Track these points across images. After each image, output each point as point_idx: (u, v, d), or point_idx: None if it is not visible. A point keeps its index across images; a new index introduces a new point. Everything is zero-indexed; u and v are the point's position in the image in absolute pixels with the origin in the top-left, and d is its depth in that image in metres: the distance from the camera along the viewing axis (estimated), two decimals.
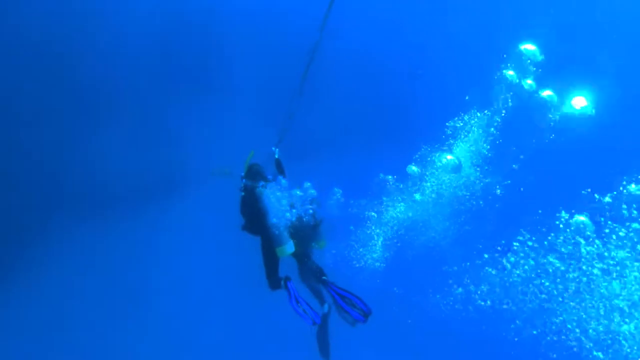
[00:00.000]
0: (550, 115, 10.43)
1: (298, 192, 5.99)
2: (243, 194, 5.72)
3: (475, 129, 10.24)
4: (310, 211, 5.78)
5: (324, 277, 5.44)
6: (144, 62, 13.59)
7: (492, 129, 10.25)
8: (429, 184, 10.73)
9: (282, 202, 5.98)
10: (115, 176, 13.35)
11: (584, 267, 7.26)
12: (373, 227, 11.77)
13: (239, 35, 14.52)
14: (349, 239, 11.96)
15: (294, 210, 5.89)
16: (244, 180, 5.81)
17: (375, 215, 11.54)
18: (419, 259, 11.98)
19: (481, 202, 10.99)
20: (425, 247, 11.77)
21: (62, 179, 12.75)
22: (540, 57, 8.85)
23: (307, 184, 8.28)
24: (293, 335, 11.47)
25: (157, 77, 13.72)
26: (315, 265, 5.66)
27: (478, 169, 10.41)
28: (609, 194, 7.74)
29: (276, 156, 6.36)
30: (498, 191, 11.36)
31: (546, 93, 9.75)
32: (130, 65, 13.41)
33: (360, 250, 11.93)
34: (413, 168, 10.66)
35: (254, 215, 5.51)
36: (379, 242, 11.58)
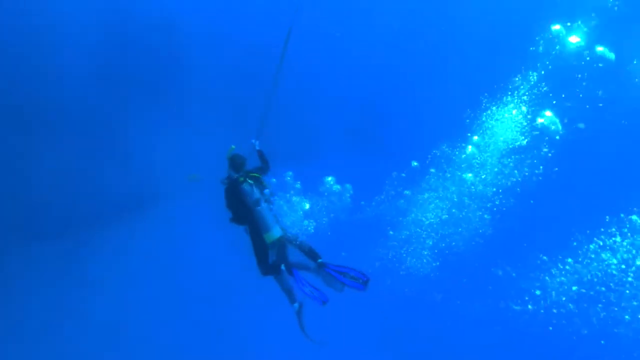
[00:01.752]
0: None
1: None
2: (226, 185, 5.65)
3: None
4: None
5: (320, 260, 5.42)
6: (95, 76, 13.02)
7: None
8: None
9: (299, 208, 6.02)
10: (77, 196, 12.81)
11: None
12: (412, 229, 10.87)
13: (195, 42, 13.99)
14: (390, 243, 11.42)
15: (312, 221, 5.91)
16: (228, 173, 5.73)
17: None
18: (464, 260, 10.68)
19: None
20: (467, 247, 10.47)
21: (17, 200, 12.22)
22: None
23: (330, 179, 8.02)
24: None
25: (110, 90, 13.25)
26: (307, 247, 5.56)
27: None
28: None
29: (257, 148, 6.07)
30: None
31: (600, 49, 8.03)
32: (82, 79, 12.78)
33: (405, 255, 11.19)
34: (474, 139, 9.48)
35: (238, 205, 5.51)
36: (424, 244, 10.64)
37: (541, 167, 9.57)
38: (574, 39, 7.87)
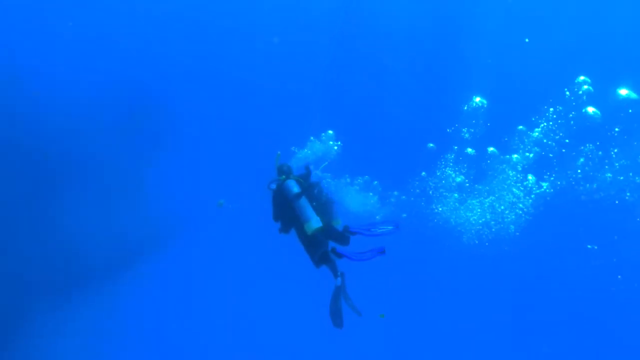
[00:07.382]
0: None
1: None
2: (274, 188, 6.04)
3: None
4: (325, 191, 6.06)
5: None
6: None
7: None
8: None
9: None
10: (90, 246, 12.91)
11: None
12: None
13: (198, 88, 15.22)
14: None
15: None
16: (276, 178, 6.17)
17: None
18: None
19: None
20: None
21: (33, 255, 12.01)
22: None
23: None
24: None
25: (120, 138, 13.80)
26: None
27: None
28: None
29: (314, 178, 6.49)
30: None
31: None
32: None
33: None
34: None
35: (285, 205, 5.87)
36: None
37: None
38: None
